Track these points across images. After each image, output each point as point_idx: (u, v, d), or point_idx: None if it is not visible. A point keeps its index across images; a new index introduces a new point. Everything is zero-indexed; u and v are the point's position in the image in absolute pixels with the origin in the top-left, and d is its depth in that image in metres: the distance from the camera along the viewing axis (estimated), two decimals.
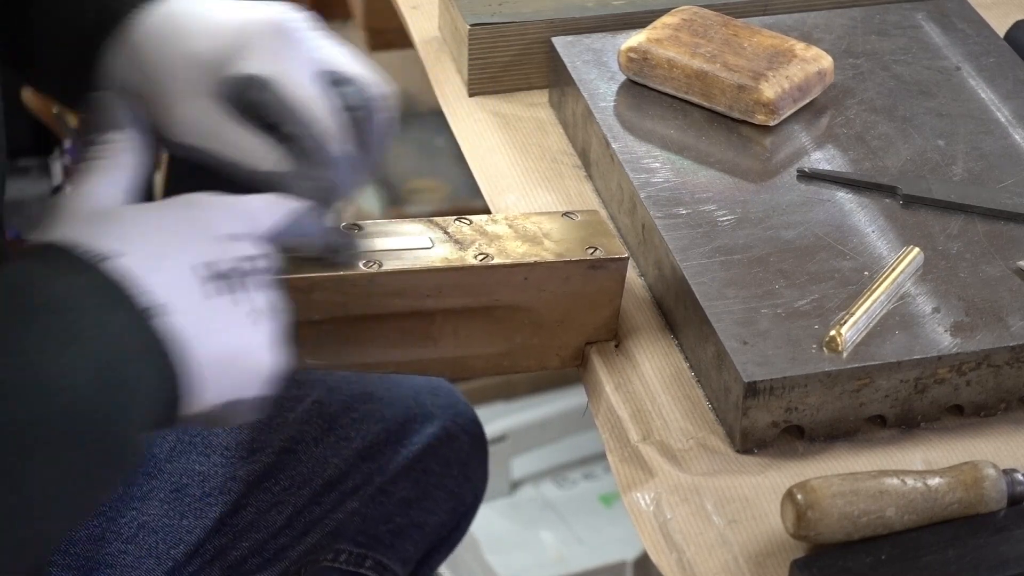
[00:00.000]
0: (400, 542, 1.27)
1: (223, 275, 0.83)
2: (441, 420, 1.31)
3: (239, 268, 0.84)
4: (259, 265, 0.85)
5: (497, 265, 1.00)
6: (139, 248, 0.80)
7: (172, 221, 0.84)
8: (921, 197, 1.10)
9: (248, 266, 0.84)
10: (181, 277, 0.81)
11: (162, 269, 0.80)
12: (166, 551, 1.16)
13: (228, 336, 0.82)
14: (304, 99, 0.94)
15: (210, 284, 0.82)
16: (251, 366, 0.84)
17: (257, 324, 0.84)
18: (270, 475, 1.21)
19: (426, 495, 1.29)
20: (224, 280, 0.83)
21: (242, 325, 0.83)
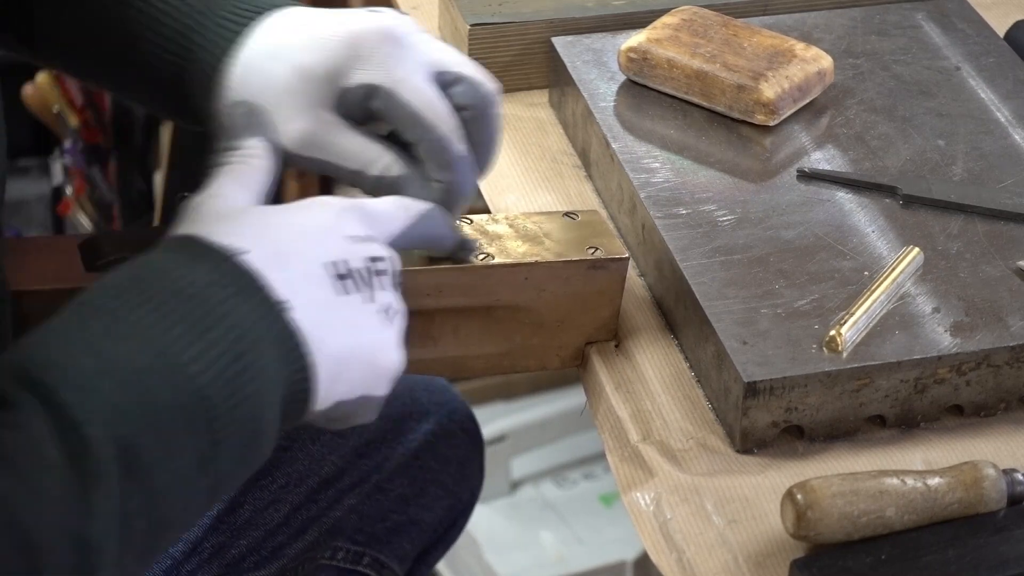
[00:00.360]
0: (397, 539, 1.27)
1: (353, 274, 0.84)
2: (437, 417, 1.31)
3: (369, 268, 0.85)
4: (387, 266, 0.86)
5: (497, 265, 1.00)
6: (268, 244, 0.81)
7: (302, 220, 0.85)
8: (921, 197, 1.10)
9: (378, 267, 0.85)
10: (310, 274, 0.82)
11: (290, 265, 0.81)
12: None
13: (359, 333, 0.83)
14: (423, 104, 0.95)
15: (341, 282, 0.83)
16: (381, 364, 0.85)
17: (387, 323, 0.85)
18: (267, 473, 1.21)
19: (423, 492, 1.29)
20: (354, 279, 0.84)
21: (373, 324, 0.84)
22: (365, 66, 0.95)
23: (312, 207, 0.86)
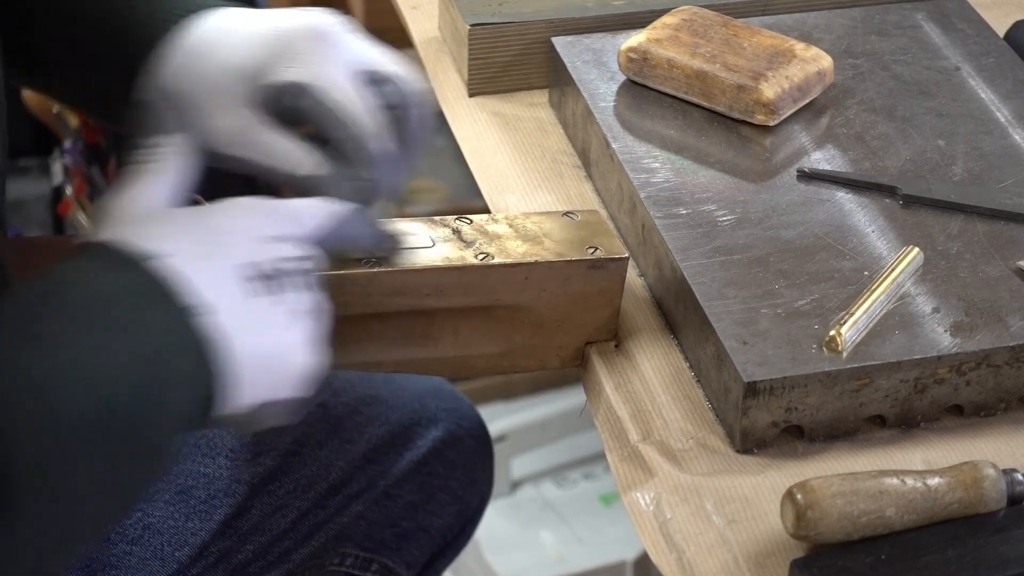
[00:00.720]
0: (405, 546, 1.27)
1: (265, 275, 0.84)
2: (446, 423, 1.31)
3: (281, 269, 0.85)
4: (301, 266, 0.86)
5: (497, 265, 1.00)
6: (184, 248, 0.81)
7: (217, 223, 0.85)
8: (921, 197, 1.10)
9: (290, 267, 0.85)
10: (224, 277, 0.82)
11: (206, 269, 0.81)
12: (171, 553, 1.16)
13: (267, 336, 0.83)
14: (342, 101, 0.95)
15: (252, 284, 0.83)
16: (287, 367, 0.85)
17: (295, 324, 0.85)
18: (275, 478, 1.21)
19: (431, 498, 1.29)
20: (266, 280, 0.84)
21: (280, 325, 0.84)
22: (292, 64, 0.95)
23: (226, 208, 0.87)
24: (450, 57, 1.33)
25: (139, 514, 1.16)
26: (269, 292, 0.84)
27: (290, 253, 0.86)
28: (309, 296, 0.86)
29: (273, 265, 0.85)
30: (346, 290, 0.98)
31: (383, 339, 1.02)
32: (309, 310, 0.86)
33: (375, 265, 0.98)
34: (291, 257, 0.86)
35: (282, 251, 0.86)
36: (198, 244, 0.83)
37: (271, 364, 0.84)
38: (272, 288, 0.84)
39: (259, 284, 0.84)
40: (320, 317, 0.87)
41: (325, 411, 1.25)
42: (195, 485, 1.18)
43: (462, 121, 1.27)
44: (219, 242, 0.84)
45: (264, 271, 0.84)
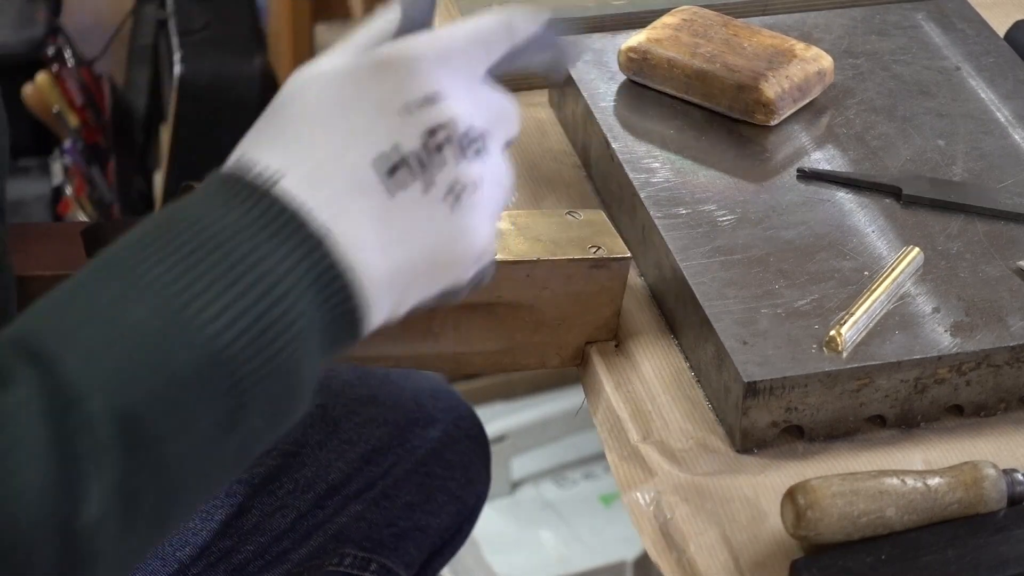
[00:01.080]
0: (404, 545, 1.27)
1: (406, 161, 0.73)
2: (443, 423, 1.31)
3: (426, 145, 0.74)
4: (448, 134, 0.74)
5: (499, 261, 1.00)
6: (305, 160, 0.72)
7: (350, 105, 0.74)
8: (921, 197, 1.10)
9: (438, 140, 0.74)
10: (356, 182, 0.73)
11: (331, 180, 0.72)
12: (172, 552, 1.17)
13: (418, 237, 0.74)
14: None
15: (392, 179, 0.73)
16: (451, 259, 0.76)
17: (452, 209, 0.74)
18: (274, 478, 1.21)
19: (429, 498, 1.29)
20: (408, 167, 0.73)
21: (435, 217, 0.74)
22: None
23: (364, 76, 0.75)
24: None
25: None
26: (413, 180, 0.73)
27: (436, 121, 0.74)
28: (462, 166, 0.75)
29: (417, 144, 0.73)
30: None
31: (383, 333, 1.01)
32: (466, 183, 0.75)
33: None
34: (442, 122, 0.74)
35: (427, 120, 0.74)
36: (323, 148, 0.73)
37: (431, 262, 0.75)
38: (416, 174, 0.73)
39: (400, 175, 0.73)
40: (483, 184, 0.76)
41: (324, 412, 1.25)
42: None
43: None
44: (352, 136, 0.73)
45: (405, 155, 0.73)
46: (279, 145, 0.73)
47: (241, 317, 0.69)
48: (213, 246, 0.70)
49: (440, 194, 0.74)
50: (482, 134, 0.76)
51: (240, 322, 0.69)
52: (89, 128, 2.29)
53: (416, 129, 0.74)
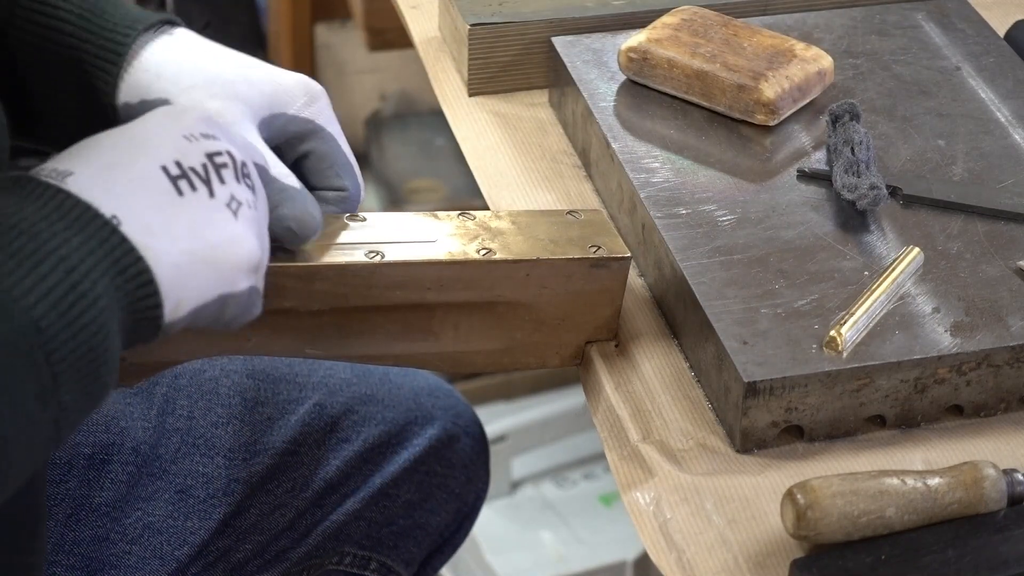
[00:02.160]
0: (403, 544, 1.27)
1: (189, 173, 0.82)
2: (442, 422, 1.31)
3: (206, 164, 0.83)
4: (227, 160, 0.84)
5: (500, 261, 1.00)
6: (94, 161, 0.80)
7: (137, 130, 0.83)
8: (921, 197, 1.10)
9: (217, 161, 0.83)
10: (143, 180, 0.80)
11: (118, 178, 0.80)
12: (170, 552, 1.17)
13: (200, 234, 0.81)
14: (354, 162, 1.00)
15: (177, 184, 0.81)
16: (231, 260, 0.83)
17: (232, 217, 0.83)
18: (273, 477, 1.21)
19: (429, 497, 1.29)
20: (189, 179, 0.82)
21: (216, 220, 0.82)
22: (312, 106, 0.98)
23: (153, 115, 0.85)
24: (450, 57, 1.33)
25: (138, 513, 1.17)
26: (195, 189, 0.82)
27: (216, 148, 0.84)
28: (240, 187, 0.84)
29: (198, 160, 0.83)
30: (346, 281, 0.98)
31: (383, 332, 1.02)
32: (244, 200, 0.84)
33: (376, 257, 0.98)
34: (216, 152, 0.84)
35: (208, 147, 0.84)
36: (116, 153, 0.81)
37: (211, 260, 0.82)
38: (198, 184, 0.82)
39: (184, 183, 0.82)
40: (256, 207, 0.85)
41: (321, 411, 1.25)
42: (194, 485, 1.19)
43: (462, 121, 1.27)
44: (140, 147, 0.82)
45: (188, 168, 0.82)
46: (67, 155, 0.81)
47: (50, 292, 0.75)
48: (15, 234, 0.75)
49: (223, 201, 0.83)
50: (254, 172, 0.86)
51: (50, 296, 0.74)
52: None
53: (199, 151, 0.83)
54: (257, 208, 0.86)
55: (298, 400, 1.25)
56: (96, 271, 0.77)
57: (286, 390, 1.25)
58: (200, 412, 1.21)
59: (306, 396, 1.25)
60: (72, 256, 0.76)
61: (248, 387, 1.24)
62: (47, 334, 0.74)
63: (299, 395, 1.25)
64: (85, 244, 0.77)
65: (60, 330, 0.75)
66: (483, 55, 1.27)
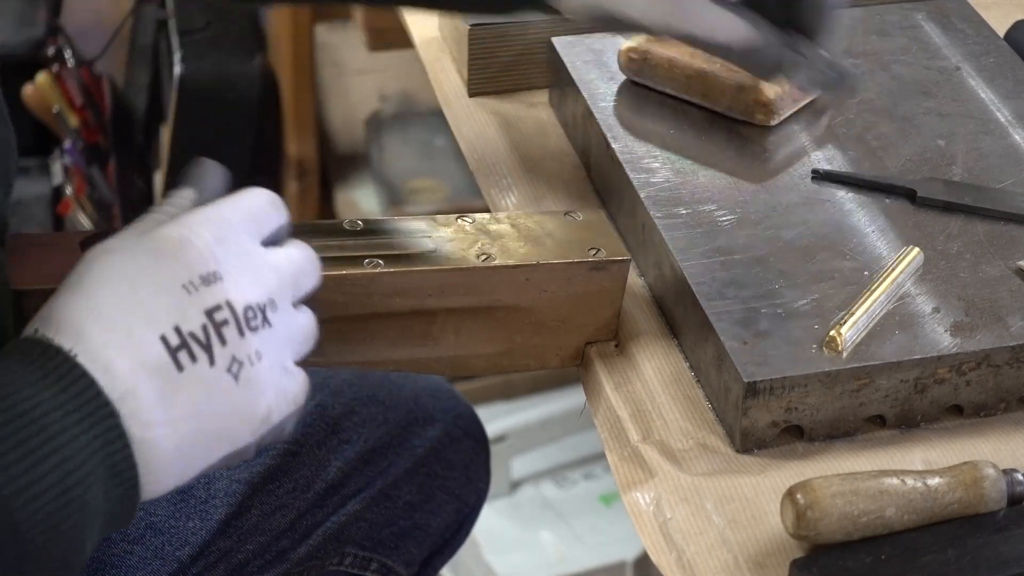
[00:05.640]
0: (404, 544, 1.27)
1: (188, 341, 0.79)
2: (443, 423, 1.31)
3: (206, 325, 0.80)
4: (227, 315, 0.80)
5: (499, 266, 1.00)
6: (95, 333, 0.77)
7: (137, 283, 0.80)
8: (936, 199, 1.09)
9: (223, 316, 0.80)
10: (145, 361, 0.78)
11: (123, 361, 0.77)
12: (171, 552, 1.17)
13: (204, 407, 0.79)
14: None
15: (177, 356, 0.79)
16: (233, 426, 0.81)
17: (233, 384, 0.80)
18: (274, 478, 1.21)
19: (430, 497, 1.29)
20: (189, 349, 0.79)
21: (218, 389, 0.80)
22: None
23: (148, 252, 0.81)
24: (450, 57, 1.33)
25: (140, 513, 1.16)
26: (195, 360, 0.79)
27: (214, 301, 0.80)
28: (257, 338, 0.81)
29: (198, 324, 0.79)
30: (346, 291, 0.98)
31: (383, 339, 1.02)
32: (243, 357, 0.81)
33: (376, 266, 0.98)
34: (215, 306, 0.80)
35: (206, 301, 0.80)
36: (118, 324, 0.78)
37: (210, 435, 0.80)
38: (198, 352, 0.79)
39: (183, 354, 0.79)
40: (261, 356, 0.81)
41: (323, 411, 1.25)
42: (195, 485, 1.19)
43: (462, 121, 1.27)
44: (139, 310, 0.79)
45: (187, 335, 0.79)
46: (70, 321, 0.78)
47: (40, 497, 0.74)
48: (27, 421, 0.74)
49: (223, 366, 0.80)
50: (263, 306, 0.82)
51: (39, 501, 0.74)
52: (89, 128, 2.29)
53: (197, 308, 0.79)
54: (262, 357, 0.82)
55: None
56: (92, 476, 0.75)
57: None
58: None
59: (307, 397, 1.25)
60: (74, 459, 0.75)
61: None
62: (24, 539, 0.73)
63: None
64: (90, 445, 0.75)
65: (37, 536, 0.74)
66: (483, 55, 1.27)
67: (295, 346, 0.85)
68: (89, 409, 0.76)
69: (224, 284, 0.81)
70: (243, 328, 0.81)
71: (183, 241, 0.81)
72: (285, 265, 0.85)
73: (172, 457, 0.79)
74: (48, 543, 0.74)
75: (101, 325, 0.78)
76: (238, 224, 0.83)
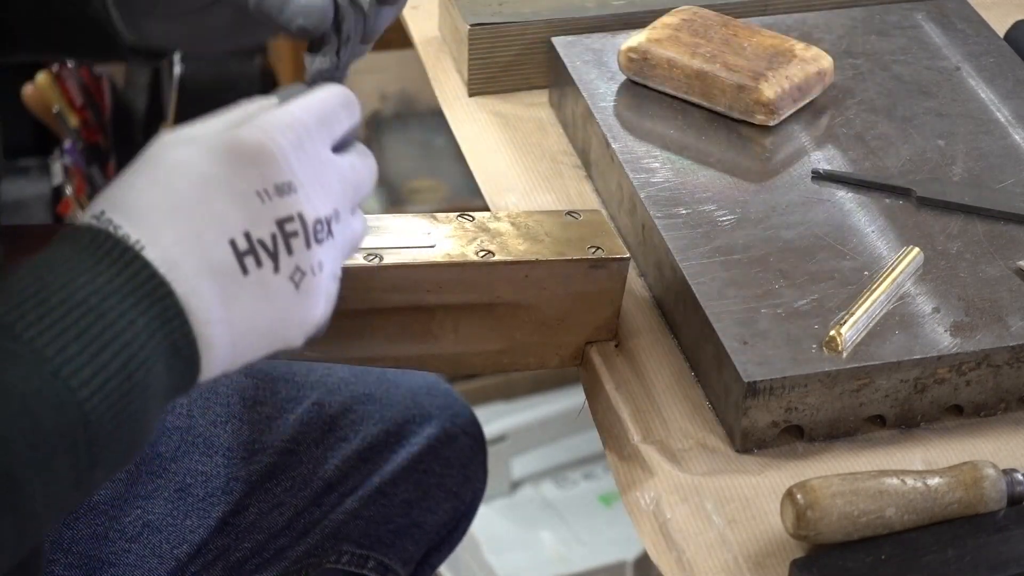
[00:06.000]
0: (401, 542, 1.27)
1: (256, 247, 0.80)
2: (440, 420, 1.31)
3: (275, 234, 0.80)
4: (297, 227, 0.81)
5: (498, 262, 1.00)
6: (166, 233, 0.78)
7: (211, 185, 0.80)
8: (935, 199, 1.09)
9: (293, 227, 0.81)
10: (211, 260, 0.78)
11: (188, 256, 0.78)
12: (169, 550, 1.17)
13: (261, 313, 0.80)
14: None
15: (243, 260, 0.79)
16: (286, 331, 0.82)
17: (294, 292, 0.81)
18: (271, 476, 1.21)
19: (426, 495, 1.29)
20: (256, 254, 0.80)
21: (278, 297, 0.81)
22: None
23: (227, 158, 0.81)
24: (450, 57, 1.33)
25: (138, 511, 1.17)
26: (261, 265, 0.80)
27: (287, 212, 0.81)
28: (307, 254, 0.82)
29: (267, 232, 0.80)
30: (345, 284, 0.98)
31: (383, 335, 1.02)
32: (307, 268, 0.82)
33: (375, 260, 0.98)
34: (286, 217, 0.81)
35: (279, 211, 0.80)
36: (186, 221, 0.78)
37: (269, 334, 0.81)
38: (264, 259, 0.80)
39: (250, 259, 0.80)
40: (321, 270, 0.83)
41: (320, 409, 1.25)
42: (193, 483, 1.19)
43: (462, 121, 1.27)
44: (209, 211, 0.79)
45: (256, 241, 0.80)
46: (143, 212, 0.78)
47: (105, 385, 0.75)
48: (85, 309, 0.75)
49: (287, 274, 0.81)
50: (330, 218, 0.83)
51: (104, 389, 0.75)
52: (89, 128, 2.29)
53: (269, 217, 0.80)
54: (323, 267, 0.83)
55: (297, 399, 1.25)
56: (153, 358, 0.76)
57: (285, 389, 1.25)
58: (199, 411, 1.21)
59: (305, 395, 1.25)
60: (134, 343, 0.76)
61: (247, 386, 1.24)
62: (94, 427, 0.74)
63: (298, 394, 1.25)
64: (148, 326, 0.76)
65: (107, 422, 0.75)
66: (483, 55, 1.28)
67: (349, 251, 0.86)
68: (146, 291, 0.76)
69: (297, 196, 0.81)
70: (310, 240, 0.82)
71: (262, 147, 0.81)
72: (350, 175, 0.85)
73: (225, 352, 0.80)
74: (116, 428, 0.75)
75: (172, 223, 0.78)
76: (313, 130, 0.83)
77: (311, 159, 0.83)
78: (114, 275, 0.76)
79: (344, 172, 0.85)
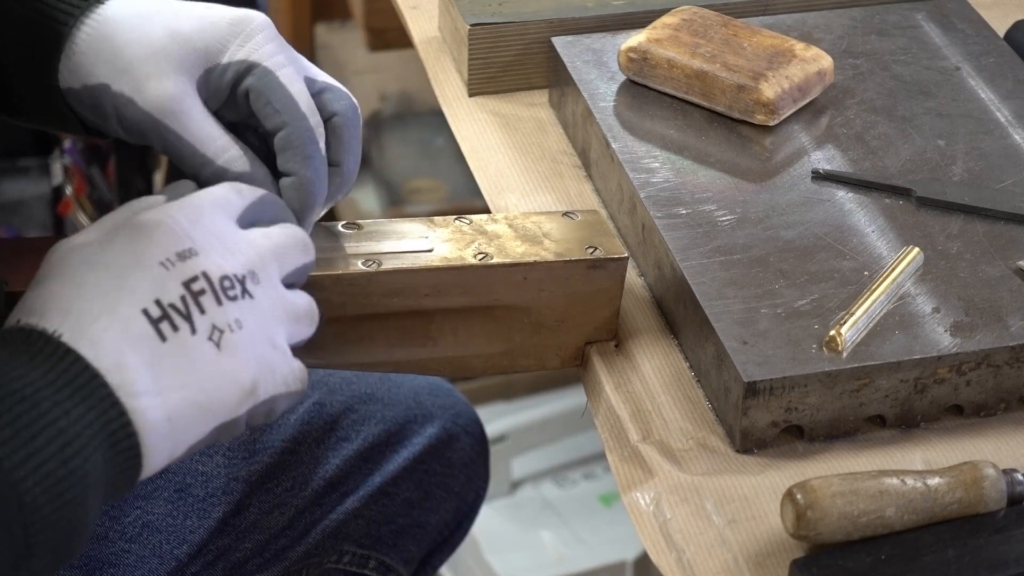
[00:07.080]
0: (402, 542, 1.27)
1: (169, 312, 0.81)
2: (442, 420, 1.31)
3: (184, 296, 0.82)
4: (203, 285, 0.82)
5: (496, 265, 1.00)
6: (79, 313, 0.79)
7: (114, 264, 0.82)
8: (935, 199, 1.09)
9: (200, 286, 0.82)
10: (129, 333, 0.80)
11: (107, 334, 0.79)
12: (169, 551, 1.17)
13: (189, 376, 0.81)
14: (297, 91, 0.95)
15: (159, 327, 0.80)
16: (220, 394, 0.82)
17: (215, 351, 0.82)
18: (272, 476, 1.21)
19: (428, 495, 1.29)
20: (170, 319, 0.81)
21: (201, 357, 0.81)
22: (246, 44, 0.95)
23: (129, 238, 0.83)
24: (450, 57, 1.33)
25: (137, 512, 1.17)
26: (177, 329, 0.81)
27: (191, 272, 0.82)
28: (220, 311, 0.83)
29: (176, 295, 0.81)
30: (343, 290, 0.98)
31: (381, 339, 1.02)
32: (223, 325, 0.83)
33: (373, 265, 0.98)
34: (192, 277, 0.82)
35: (183, 273, 0.82)
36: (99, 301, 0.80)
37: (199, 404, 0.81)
38: (180, 321, 0.81)
39: (165, 325, 0.81)
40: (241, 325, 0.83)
41: (321, 409, 1.25)
42: (193, 483, 1.19)
43: (462, 121, 1.27)
44: (120, 287, 0.81)
45: (168, 306, 0.81)
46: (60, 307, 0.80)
47: (40, 468, 0.75)
48: (18, 399, 0.76)
49: (205, 334, 0.82)
50: (242, 277, 0.84)
51: (39, 472, 0.75)
52: None
53: (175, 280, 0.82)
54: (243, 326, 0.83)
55: None
56: (90, 446, 0.77)
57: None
58: None
59: (305, 395, 1.25)
60: (70, 430, 0.76)
61: None
62: (29, 509, 0.75)
63: None
64: (85, 416, 0.77)
65: (43, 505, 0.75)
66: (483, 55, 1.27)
67: (287, 324, 0.87)
68: (79, 383, 0.78)
69: (199, 258, 0.83)
70: (220, 297, 0.83)
71: (159, 224, 0.83)
72: (262, 241, 0.87)
73: (163, 428, 0.80)
74: (53, 513, 0.75)
75: (85, 305, 0.80)
76: (209, 208, 0.86)
77: (210, 228, 0.85)
78: (47, 369, 0.77)
79: (253, 238, 0.87)
